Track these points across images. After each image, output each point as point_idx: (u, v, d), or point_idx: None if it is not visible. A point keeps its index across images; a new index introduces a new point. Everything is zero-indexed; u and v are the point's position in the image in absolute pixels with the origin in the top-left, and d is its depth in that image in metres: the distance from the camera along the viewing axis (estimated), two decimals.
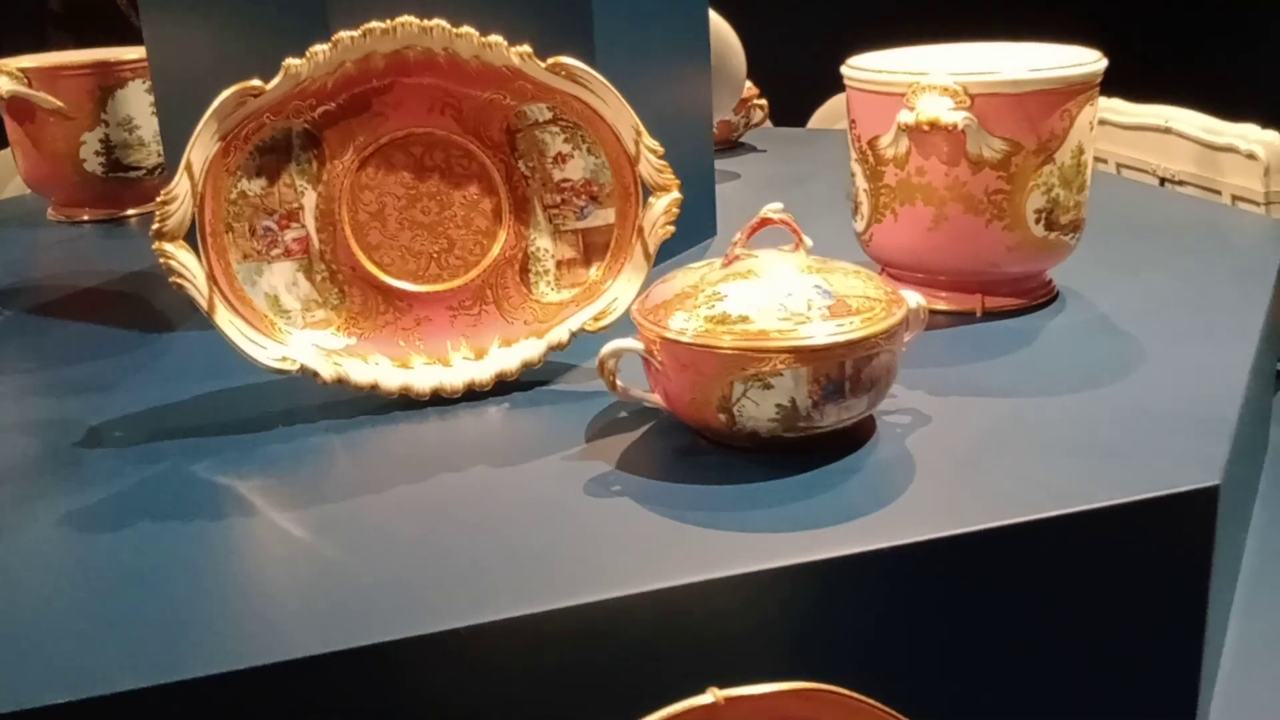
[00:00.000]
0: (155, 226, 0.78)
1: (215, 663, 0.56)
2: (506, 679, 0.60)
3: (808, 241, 0.76)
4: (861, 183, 0.99)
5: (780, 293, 0.72)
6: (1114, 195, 1.31)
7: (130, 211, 1.49)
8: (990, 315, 0.97)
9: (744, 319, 0.71)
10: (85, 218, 1.48)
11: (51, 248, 1.39)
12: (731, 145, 1.72)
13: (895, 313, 0.73)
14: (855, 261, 0.80)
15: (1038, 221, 0.94)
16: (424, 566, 0.64)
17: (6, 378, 0.97)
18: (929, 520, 0.66)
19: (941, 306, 0.98)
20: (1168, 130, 1.51)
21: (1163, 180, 1.53)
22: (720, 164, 1.45)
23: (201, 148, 0.79)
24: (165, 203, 0.78)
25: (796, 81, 1.92)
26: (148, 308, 1.13)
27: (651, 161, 0.86)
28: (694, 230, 1.15)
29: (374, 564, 0.65)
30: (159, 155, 1.46)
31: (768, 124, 1.85)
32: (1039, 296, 1.00)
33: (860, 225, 1.00)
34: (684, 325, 0.72)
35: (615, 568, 0.63)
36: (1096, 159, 1.63)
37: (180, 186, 0.78)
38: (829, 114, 2.04)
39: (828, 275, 0.74)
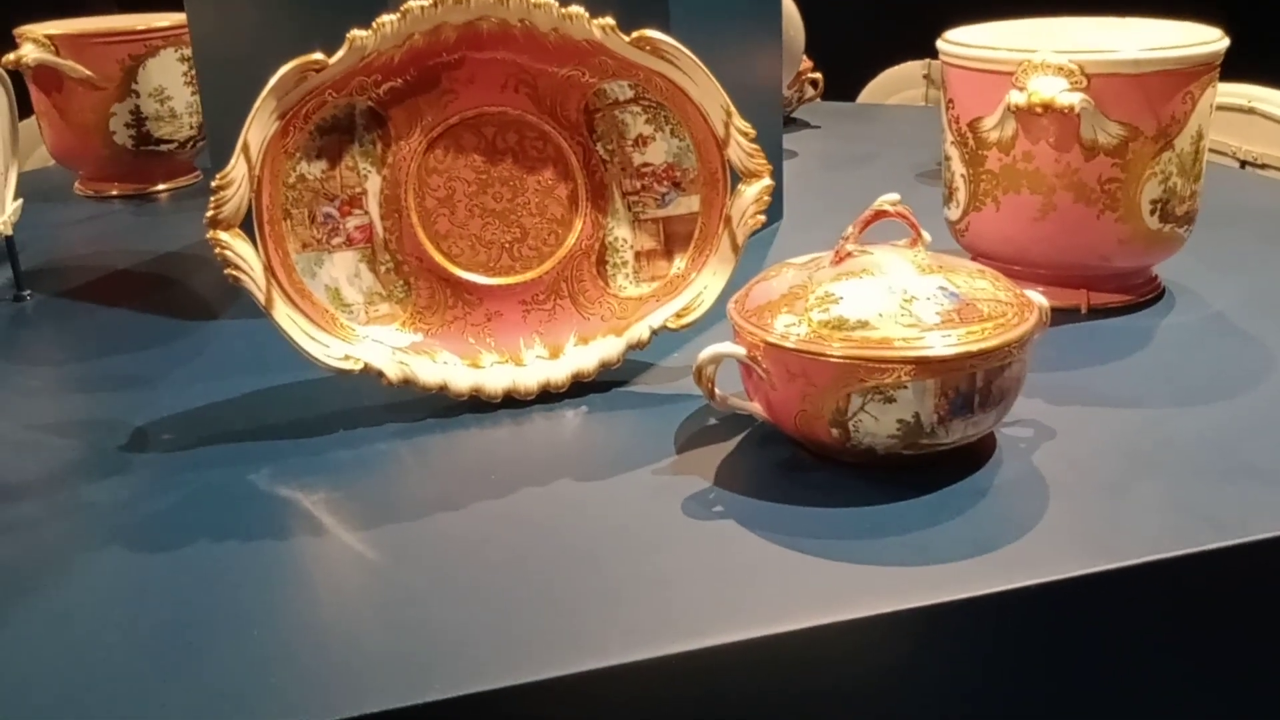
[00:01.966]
0: (210, 214, 0.71)
1: (281, 712, 0.50)
2: None
3: (926, 236, 0.69)
4: (958, 167, 0.92)
5: (900, 295, 0.65)
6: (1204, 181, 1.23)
7: (161, 187, 1.42)
8: (1095, 313, 0.90)
9: (863, 324, 0.64)
10: (114, 192, 1.41)
11: (79, 225, 1.32)
12: (784, 121, 1.64)
13: (1028, 318, 0.66)
14: (946, 251, 0.73)
15: (1153, 213, 0.87)
16: (517, 599, 0.58)
17: (39, 370, 0.91)
18: (1072, 553, 0.59)
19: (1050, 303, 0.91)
20: (1251, 110, 1.44)
21: (1243, 163, 1.46)
22: None
23: (259, 127, 0.72)
24: (221, 188, 0.71)
25: (845, 54, 1.84)
26: (186, 292, 1.07)
27: (742, 145, 0.79)
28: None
29: (461, 596, 0.58)
30: (192, 128, 1.39)
31: (817, 99, 1.77)
32: (1145, 293, 0.94)
33: (955, 213, 0.93)
34: (793, 330, 0.65)
35: (729, 605, 0.56)
36: None
37: (237, 170, 0.71)
38: (881, 87, 1.96)
39: (951, 275, 0.67)
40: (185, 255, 1.17)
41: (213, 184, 0.71)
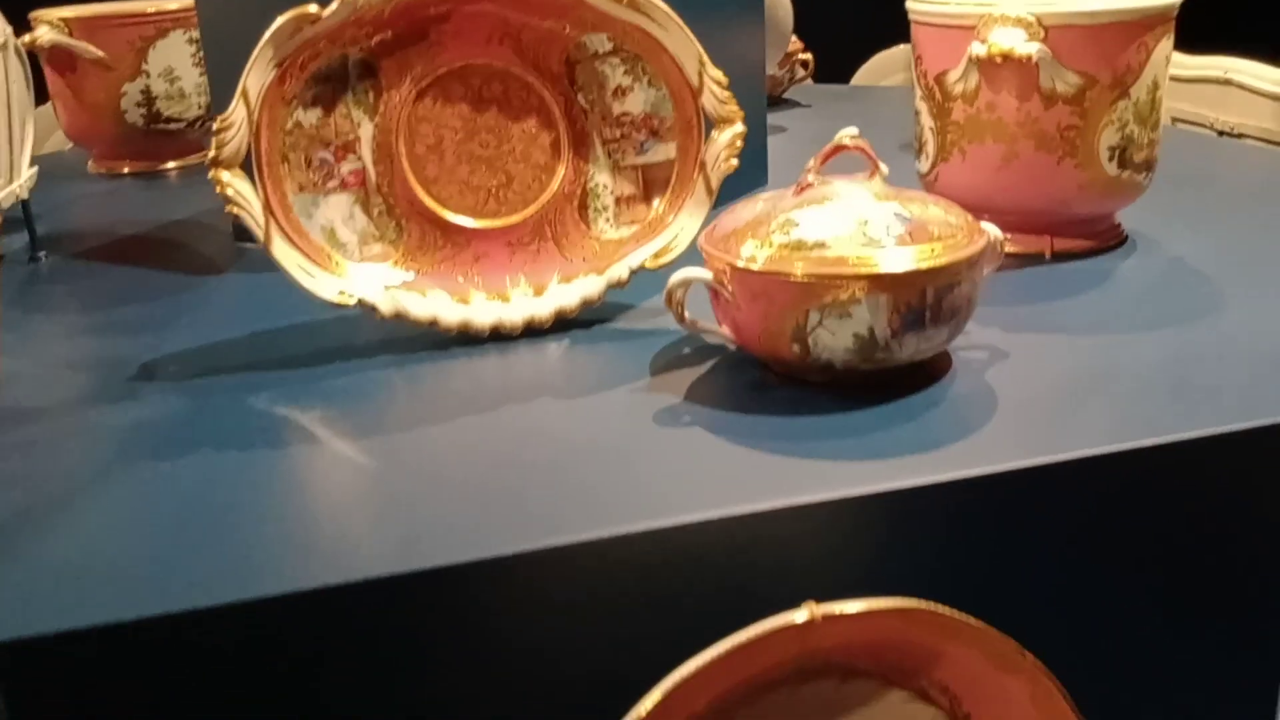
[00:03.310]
0: (211, 154, 0.76)
1: (283, 583, 0.54)
2: (580, 605, 0.58)
3: (883, 168, 0.73)
4: (927, 121, 0.96)
5: (857, 219, 0.69)
6: (1176, 146, 1.27)
7: (170, 165, 1.47)
8: (1059, 257, 0.95)
9: (820, 245, 0.68)
10: (126, 170, 1.46)
11: (92, 198, 1.37)
12: (775, 101, 1.69)
13: (977, 240, 0.71)
14: None
15: (1111, 159, 0.91)
16: (492, 494, 0.62)
17: (52, 318, 0.96)
18: (1015, 449, 0.63)
19: (1009, 248, 0.94)
20: (1227, 82, 1.48)
21: (1220, 134, 1.50)
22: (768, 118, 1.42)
23: (258, 74, 0.77)
24: (221, 129, 0.76)
25: (839, 38, 1.88)
26: (193, 253, 1.11)
27: (715, 93, 0.84)
28: (746, 184, 1.12)
29: (441, 491, 0.63)
30: (200, 108, 1.44)
31: (809, 81, 1.81)
32: (1109, 239, 0.98)
33: (925, 165, 0.98)
34: (755, 253, 0.69)
35: (689, 494, 0.61)
36: None
37: (236, 114, 0.76)
38: (873, 70, 2.01)
39: (906, 203, 0.72)
40: (192, 223, 1.22)
41: (214, 126, 0.76)
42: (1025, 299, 0.86)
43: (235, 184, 0.77)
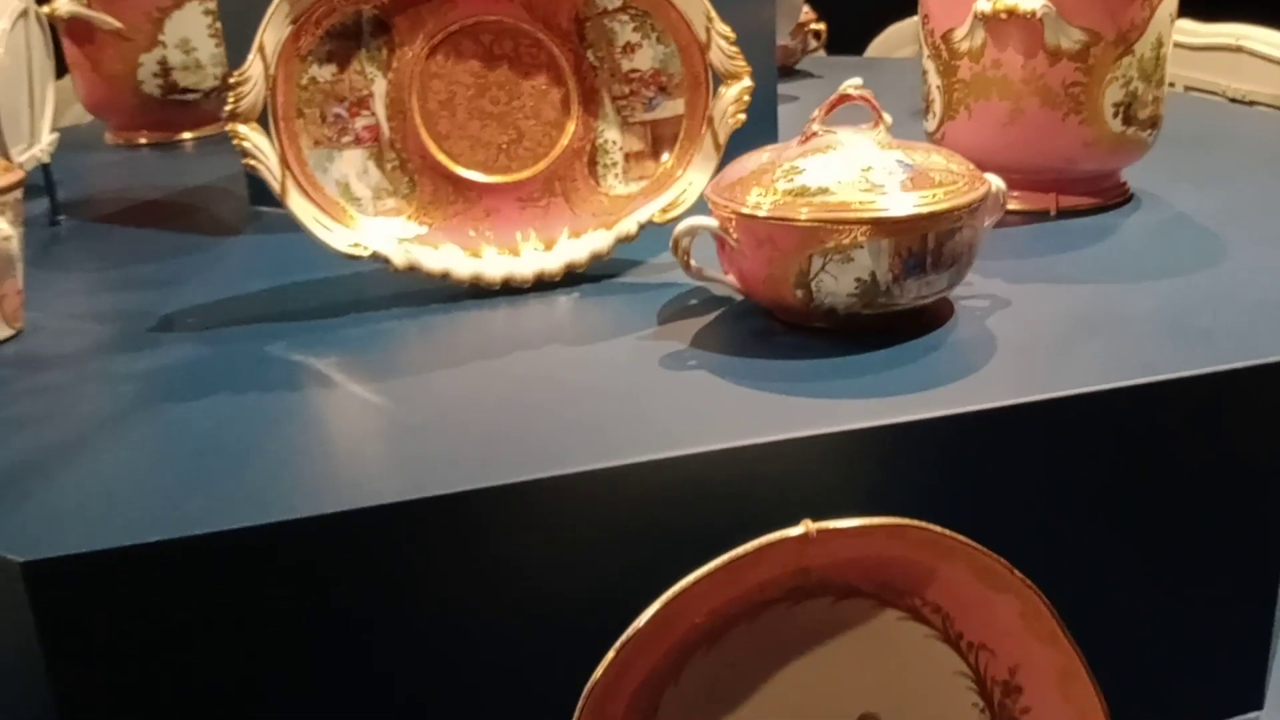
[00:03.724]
0: (229, 107, 0.77)
1: (299, 509, 0.56)
2: (585, 531, 0.59)
3: (887, 118, 0.75)
4: (934, 79, 0.97)
5: (860, 166, 0.71)
6: (1186, 110, 1.28)
7: (186, 135, 1.49)
8: (1065, 214, 0.95)
9: (823, 191, 0.70)
10: (143, 140, 1.48)
11: (110, 167, 1.39)
12: (788, 71, 1.69)
13: (978, 187, 0.72)
14: None
15: (1115, 115, 0.92)
16: (501, 429, 0.64)
17: (72, 275, 0.98)
18: (1013, 388, 0.65)
19: (1015, 206, 0.95)
20: (1239, 49, 1.48)
21: (1233, 101, 1.50)
22: (780, 88, 1.43)
23: (274, 30, 0.78)
24: (238, 84, 0.77)
25: (851, 10, 1.89)
26: (209, 216, 1.13)
27: (723, 48, 0.85)
28: (757, 144, 1.13)
29: (452, 428, 0.65)
30: (215, 79, 1.46)
31: (822, 53, 1.82)
32: (1114, 197, 0.98)
33: (932, 124, 0.99)
34: (760, 200, 0.71)
35: (691, 430, 0.62)
36: None
37: (253, 68, 0.78)
38: (886, 43, 2.01)
39: (909, 152, 0.73)
40: (209, 188, 1.23)
41: (230, 80, 0.77)
42: (1029, 253, 0.87)
43: (252, 138, 0.78)
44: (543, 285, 0.85)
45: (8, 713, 0.59)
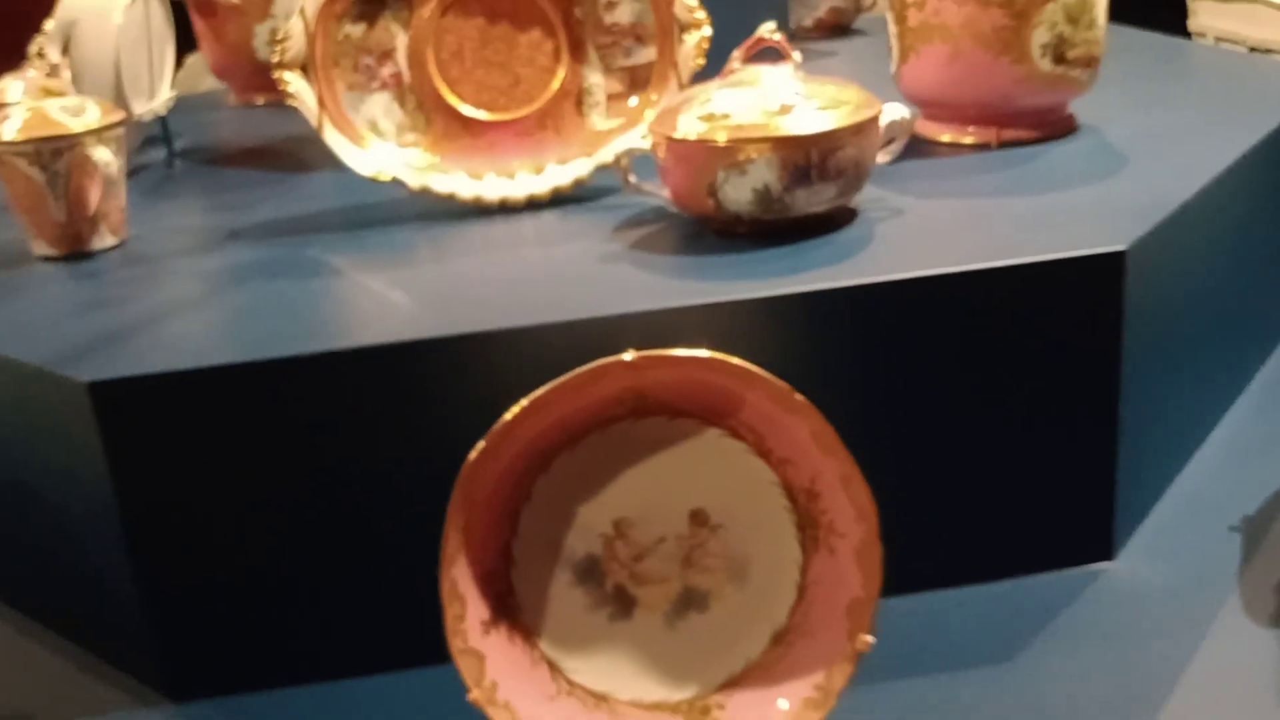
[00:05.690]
0: (275, 58, 0.97)
1: (331, 343, 0.78)
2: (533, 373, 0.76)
3: (796, 56, 0.89)
4: (892, 26, 1.10)
5: (763, 96, 0.86)
6: (1198, 63, 1.36)
7: None
8: (1006, 145, 1.07)
9: (726, 116, 0.85)
10: (260, 102, 1.70)
11: (227, 124, 1.63)
12: (842, 30, 1.80)
13: (863, 113, 0.86)
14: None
15: (1044, 55, 1.03)
16: (479, 301, 0.83)
17: (173, 203, 1.21)
18: (879, 269, 0.79)
19: (967, 140, 1.08)
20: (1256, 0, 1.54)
21: (1252, 50, 1.56)
22: (826, 46, 1.57)
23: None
24: (282, 40, 0.97)
25: None
26: (294, 159, 1.34)
27: (685, 3, 1.01)
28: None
29: (442, 300, 0.85)
30: None
31: (880, 12, 1.92)
32: (1058, 129, 1.10)
33: (893, 66, 1.12)
34: (680, 125, 0.86)
35: (617, 298, 0.80)
36: (1196, 34, 1.67)
37: (294, 28, 0.97)
38: None
39: (809, 84, 0.87)
40: (301, 138, 1.44)
41: (275, 39, 0.97)
42: (956, 177, 1.00)
43: (295, 83, 0.98)
44: (534, 205, 1.03)
45: (77, 523, 0.80)
